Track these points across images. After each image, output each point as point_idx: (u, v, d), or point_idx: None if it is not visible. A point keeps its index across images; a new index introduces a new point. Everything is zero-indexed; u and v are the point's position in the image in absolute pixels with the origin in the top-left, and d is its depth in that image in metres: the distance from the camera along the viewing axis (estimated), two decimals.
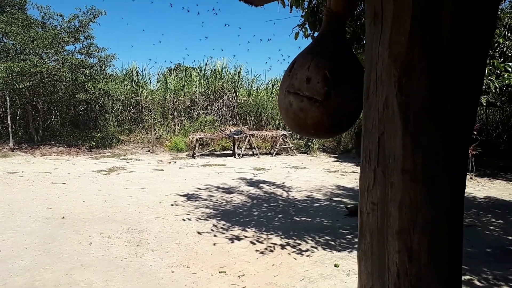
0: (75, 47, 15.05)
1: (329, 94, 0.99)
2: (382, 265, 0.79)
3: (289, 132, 14.95)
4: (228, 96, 16.99)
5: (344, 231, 5.44)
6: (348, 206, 6.51)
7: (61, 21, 14.63)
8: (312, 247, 4.78)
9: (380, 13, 0.81)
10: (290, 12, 4.37)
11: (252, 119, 16.93)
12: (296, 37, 4.37)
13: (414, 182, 0.75)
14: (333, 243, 4.95)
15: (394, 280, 0.77)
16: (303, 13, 4.30)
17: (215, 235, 5.11)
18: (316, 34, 4.54)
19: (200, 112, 16.64)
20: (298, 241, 4.95)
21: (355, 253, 4.63)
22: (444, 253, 0.74)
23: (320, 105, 0.99)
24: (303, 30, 4.32)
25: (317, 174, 10.28)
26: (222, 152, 14.20)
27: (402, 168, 0.76)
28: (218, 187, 8.21)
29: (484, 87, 5.42)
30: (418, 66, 0.75)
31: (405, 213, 0.75)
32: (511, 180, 9.76)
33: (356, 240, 5.19)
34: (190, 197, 7.26)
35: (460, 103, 0.75)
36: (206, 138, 13.91)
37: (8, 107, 13.48)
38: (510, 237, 5.31)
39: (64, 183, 8.22)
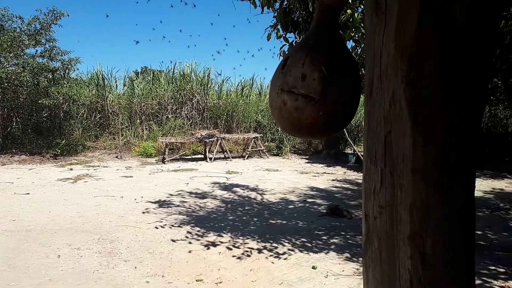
0: (36, 51, 14.39)
1: (325, 92, 0.92)
2: (393, 272, 0.73)
3: (261, 135, 14.93)
4: (197, 99, 16.76)
5: (320, 232, 5.44)
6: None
7: (21, 24, 13.96)
8: (289, 249, 4.74)
9: (384, 3, 0.75)
10: (262, 13, 4.33)
11: (223, 122, 16.78)
12: (268, 38, 4.34)
13: (426, 182, 0.69)
14: (309, 244, 4.93)
15: None
16: (275, 14, 4.28)
17: (190, 242, 4.98)
18: (288, 35, 4.53)
19: (169, 116, 16.33)
20: (274, 244, 4.90)
21: (332, 254, 4.64)
22: (459, 257, 0.69)
23: (317, 104, 0.93)
24: (276, 31, 4.30)
25: (289, 176, 10.29)
26: (193, 157, 13.98)
27: (413, 168, 0.70)
28: (190, 193, 8.04)
29: None
30: (428, 58, 0.69)
31: (417, 216, 0.69)
32: None
33: (332, 240, 5.25)
34: (162, 203, 7.07)
35: (473, 97, 0.68)
36: (176, 142, 13.62)
37: None
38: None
39: (28, 193, 7.80)
